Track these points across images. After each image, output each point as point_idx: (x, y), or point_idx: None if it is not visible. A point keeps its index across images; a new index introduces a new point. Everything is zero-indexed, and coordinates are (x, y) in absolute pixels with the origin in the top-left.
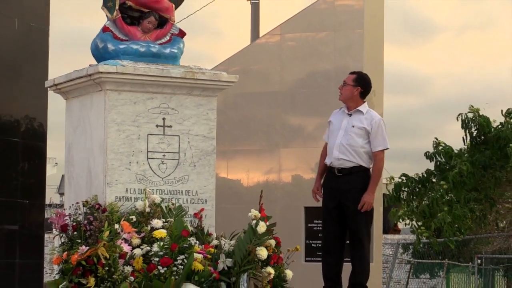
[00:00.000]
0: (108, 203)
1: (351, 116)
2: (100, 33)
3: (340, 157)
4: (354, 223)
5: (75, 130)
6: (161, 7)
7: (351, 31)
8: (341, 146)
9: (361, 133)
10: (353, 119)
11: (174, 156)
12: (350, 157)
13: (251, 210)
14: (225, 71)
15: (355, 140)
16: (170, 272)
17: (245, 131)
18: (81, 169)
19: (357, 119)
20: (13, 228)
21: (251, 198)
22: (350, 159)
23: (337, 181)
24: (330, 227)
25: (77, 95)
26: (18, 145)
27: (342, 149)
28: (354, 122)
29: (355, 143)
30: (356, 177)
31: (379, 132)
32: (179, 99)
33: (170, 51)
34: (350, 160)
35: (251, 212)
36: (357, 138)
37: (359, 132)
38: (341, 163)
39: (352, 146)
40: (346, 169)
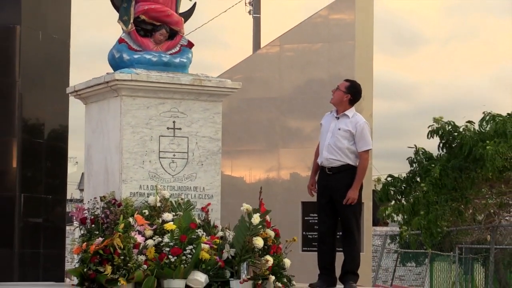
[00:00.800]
0: (123, 198)
1: (339, 119)
2: (116, 44)
3: (329, 157)
4: (344, 216)
5: (93, 132)
6: (172, 20)
7: (344, 43)
8: (329, 147)
9: (346, 135)
10: (340, 122)
11: (183, 155)
12: (337, 157)
13: (243, 204)
14: (229, 78)
15: (341, 141)
16: (180, 261)
17: (247, 133)
18: (99, 167)
19: (343, 122)
20: (38, 221)
21: (253, 193)
22: (338, 158)
23: (328, 179)
24: (324, 220)
25: (96, 100)
26: (42, 146)
27: (330, 149)
28: (340, 125)
29: (341, 144)
30: (345, 175)
31: (363, 134)
32: (187, 104)
33: (179, 61)
34: (337, 159)
35: (242, 206)
36: (342, 140)
37: (345, 135)
38: (330, 162)
39: (338, 147)
40: (335, 168)
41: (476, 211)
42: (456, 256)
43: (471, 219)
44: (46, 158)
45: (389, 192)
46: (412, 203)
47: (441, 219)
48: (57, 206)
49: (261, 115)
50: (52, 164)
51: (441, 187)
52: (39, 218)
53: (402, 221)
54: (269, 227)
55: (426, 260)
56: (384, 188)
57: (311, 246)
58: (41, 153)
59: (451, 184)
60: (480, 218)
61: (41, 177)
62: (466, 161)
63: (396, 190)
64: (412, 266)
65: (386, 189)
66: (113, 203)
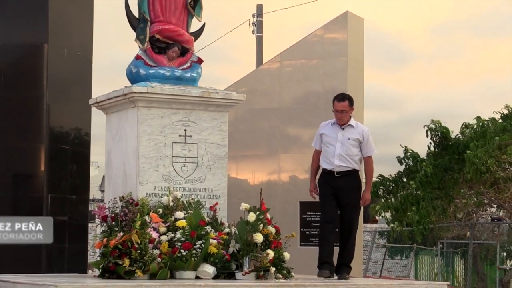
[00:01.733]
0: (140, 198)
1: (344, 129)
2: (134, 61)
3: (340, 164)
4: (349, 215)
5: (113, 139)
6: (183, 39)
7: (337, 59)
8: (340, 156)
9: (355, 144)
10: (347, 132)
11: (194, 160)
12: (347, 164)
13: (242, 204)
14: (235, 91)
15: (352, 150)
16: (190, 254)
17: (251, 140)
18: (118, 171)
19: (350, 132)
20: (63, 219)
21: (256, 194)
22: (347, 165)
23: (336, 181)
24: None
25: (115, 111)
26: (67, 151)
27: (341, 158)
28: (348, 135)
29: (352, 152)
30: (351, 178)
31: (369, 141)
32: (197, 114)
33: (190, 75)
34: (348, 166)
35: (242, 205)
36: (353, 148)
37: (354, 143)
38: (341, 168)
39: (349, 155)
40: (343, 172)
41: (457, 209)
42: (438, 250)
43: (453, 216)
44: (71, 162)
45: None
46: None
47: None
48: (80, 205)
49: (263, 123)
50: (76, 167)
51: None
52: (65, 216)
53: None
54: (270, 224)
55: (412, 254)
56: (374, 187)
57: (309, 241)
58: (66, 158)
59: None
60: (460, 215)
61: (66, 179)
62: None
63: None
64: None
65: (376, 187)
66: (131, 202)
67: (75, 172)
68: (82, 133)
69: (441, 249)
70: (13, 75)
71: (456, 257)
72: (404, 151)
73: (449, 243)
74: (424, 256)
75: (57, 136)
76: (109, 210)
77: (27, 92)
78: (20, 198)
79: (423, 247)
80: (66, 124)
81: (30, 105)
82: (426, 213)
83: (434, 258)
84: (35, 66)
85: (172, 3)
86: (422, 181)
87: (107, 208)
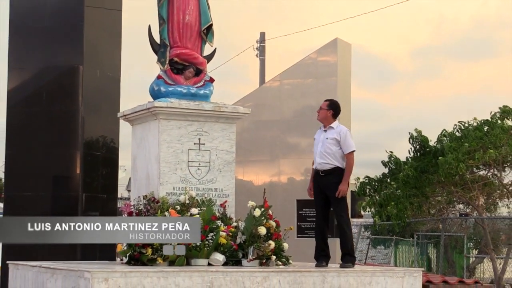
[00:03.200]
0: (161, 197)
1: (326, 131)
2: (155, 80)
3: (321, 162)
4: (336, 207)
5: (138, 147)
6: (198, 62)
7: (328, 78)
8: (320, 153)
9: (333, 142)
10: (327, 133)
11: (206, 164)
12: (327, 160)
13: (249, 201)
14: (241, 105)
15: (330, 148)
16: (203, 244)
17: (255, 147)
18: (142, 173)
19: (330, 133)
20: (95, 214)
21: (259, 193)
22: (328, 161)
23: (321, 179)
24: (319, 213)
25: (139, 122)
26: (99, 157)
27: (321, 155)
28: (328, 135)
29: (330, 150)
30: (334, 176)
31: (346, 139)
32: (210, 125)
33: (203, 92)
34: (327, 162)
35: (249, 203)
36: (331, 146)
37: (332, 142)
38: (322, 165)
39: (327, 153)
40: (326, 170)
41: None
42: (414, 241)
43: (427, 212)
44: (102, 166)
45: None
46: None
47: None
48: (110, 203)
49: (266, 133)
50: (106, 171)
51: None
52: (96, 212)
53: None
54: (271, 219)
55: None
56: (362, 186)
57: (304, 233)
58: (98, 163)
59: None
60: (433, 211)
61: (98, 181)
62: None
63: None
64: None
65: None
66: (153, 200)
67: (105, 174)
68: (112, 142)
69: (417, 240)
70: (53, 92)
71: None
72: (388, 156)
73: (424, 235)
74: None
75: (90, 144)
76: (134, 207)
77: (65, 107)
78: (59, 196)
79: (401, 238)
80: (98, 133)
81: (67, 117)
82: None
83: (411, 247)
84: (72, 85)
85: (188, 31)
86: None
87: (132, 205)
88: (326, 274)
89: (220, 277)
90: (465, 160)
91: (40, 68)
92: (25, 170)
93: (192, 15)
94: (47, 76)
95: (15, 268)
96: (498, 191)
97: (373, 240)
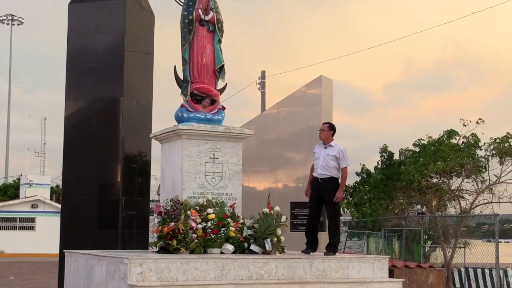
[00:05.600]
0: (184, 200)
1: (326, 148)
2: (179, 108)
3: (321, 172)
4: (329, 208)
5: (166, 160)
6: (212, 94)
7: (315, 107)
8: (322, 167)
9: (333, 158)
10: (328, 150)
11: (219, 174)
12: (326, 172)
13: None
14: (247, 128)
15: (330, 162)
16: (217, 237)
17: (258, 161)
18: (169, 181)
19: (330, 150)
20: (132, 213)
21: (261, 197)
22: (326, 173)
23: (320, 185)
24: (312, 210)
25: (167, 141)
26: (135, 168)
27: (322, 168)
28: (328, 152)
29: (330, 164)
30: (330, 182)
31: (344, 156)
32: (222, 143)
33: (217, 118)
34: (327, 174)
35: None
36: (330, 161)
37: (332, 158)
38: (322, 175)
39: (328, 166)
40: (324, 178)
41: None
42: (382, 234)
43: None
44: (137, 175)
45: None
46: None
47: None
48: (143, 204)
49: (266, 150)
50: (141, 179)
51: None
52: (133, 211)
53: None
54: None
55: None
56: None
57: (296, 228)
58: (134, 173)
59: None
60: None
61: (134, 187)
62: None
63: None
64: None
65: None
66: (177, 202)
67: (140, 182)
68: (145, 156)
69: (384, 233)
70: (100, 117)
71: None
72: (361, 168)
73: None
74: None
75: (128, 158)
76: (163, 208)
77: (109, 129)
78: (104, 199)
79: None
80: (134, 150)
81: (111, 137)
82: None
83: (379, 239)
84: (114, 112)
85: (205, 69)
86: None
87: (161, 206)
88: (313, 260)
89: (230, 263)
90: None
91: (90, 99)
92: (78, 179)
93: (208, 57)
94: (95, 105)
95: (69, 255)
96: (447, 195)
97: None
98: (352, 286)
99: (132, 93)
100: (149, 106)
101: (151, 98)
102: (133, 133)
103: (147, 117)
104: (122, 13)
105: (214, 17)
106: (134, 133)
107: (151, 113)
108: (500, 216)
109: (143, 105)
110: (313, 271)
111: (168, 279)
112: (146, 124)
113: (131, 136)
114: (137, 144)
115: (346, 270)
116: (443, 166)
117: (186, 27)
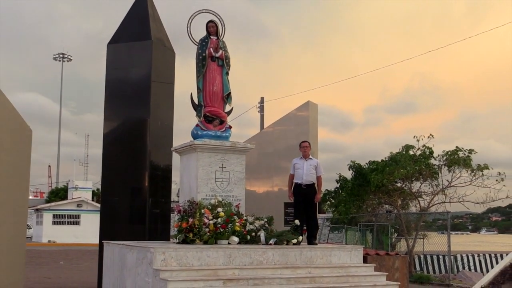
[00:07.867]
0: (198, 201)
1: (307, 161)
2: (195, 127)
3: (306, 179)
4: (309, 208)
5: (184, 169)
6: (221, 115)
7: (304, 126)
8: (306, 174)
9: (313, 168)
10: (309, 162)
11: (227, 180)
12: (310, 179)
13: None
14: (249, 143)
15: (311, 171)
16: (225, 231)
17: (258, 169)
18: (186, 186)
19: (310, 162)
20: (157, 211)
21: (260, 199)
22: (310, 179)
23: (304, 190)
24: (298, 211)
25: (185, 154)
26: (159, 176)
27: (306, 175)
28: (310, 163)
29: (311, 172)
30: (311, 188)
31: (319, 167)
32: (229, 155)
33: (225, 135)
34: (310, 180)
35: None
36: (312, 170)
37: (312, 168)
38: (306, 181)
39: (310, 173)
40: (308, 184)
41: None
42: (357, 228)
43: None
44: (161, 181)
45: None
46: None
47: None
48: (166, 204)
49: (265, 160)
50: (164, 184)
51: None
52: (158, 209)
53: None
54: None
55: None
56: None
57: (288, 224)
58: (159, 179)
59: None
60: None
61: (158, 190)
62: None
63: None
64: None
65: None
66: (193, 203)
67: (163, 186)
68: (167, 166)
69: (359, 228)
70: (131, 135)
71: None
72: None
73: (364, 224)
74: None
75: (154, 167)
76: (181, 207)
77: (138, 144)
78: (134, 200)
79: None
80: (159, 161)
81: (140, 151)
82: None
83: (355, 232)
84: (143, 130)
85: (215, 96)
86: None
87: (180, 206)
88: (302, 249)
89: (235, 251)
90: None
91: (123, 120)
92: (114, 184)
93: (218, 86)
94: (127, 125)
95: (107, 245)
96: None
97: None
98: (334, 270)
99: (157, 115)
100: (170, 125)
101: (172, 119)
102: (158, 147)
103: (169, 134)
104: (149, 51)
105: (222, 54)
106: (158, 147)
107: (172, 131)
108: (451, 213)
109: (165, 125)
110: (302, 258)
111: (185, 264)
112: (168, 140)
113: (156, 150)
114: (161, 156)
115: (329, 257)
116: (405, 173)
117: (200, 62)
